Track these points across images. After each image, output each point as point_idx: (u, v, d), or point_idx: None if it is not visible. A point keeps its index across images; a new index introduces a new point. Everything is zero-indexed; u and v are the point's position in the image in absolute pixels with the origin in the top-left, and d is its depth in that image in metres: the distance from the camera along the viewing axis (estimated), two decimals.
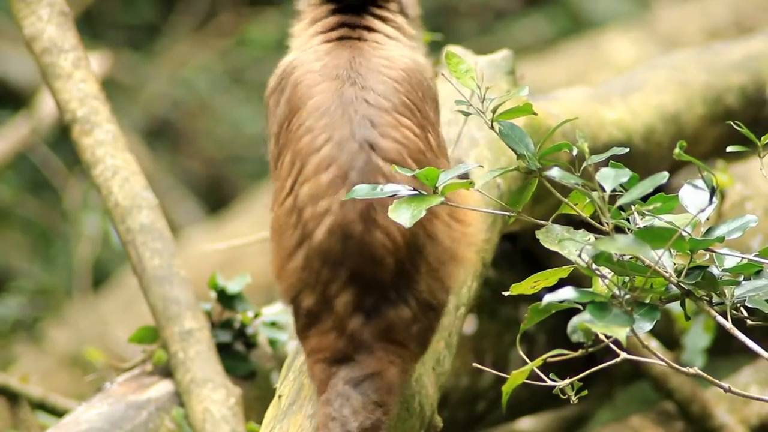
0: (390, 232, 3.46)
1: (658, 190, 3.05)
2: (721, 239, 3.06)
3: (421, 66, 3.64)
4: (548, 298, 2.94)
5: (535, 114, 3.23)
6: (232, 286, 4.48)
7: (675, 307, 3.42)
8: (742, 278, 3.09)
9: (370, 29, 3.71)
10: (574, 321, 2.92)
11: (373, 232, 3.46)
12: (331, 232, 3.49)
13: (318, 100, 3.55)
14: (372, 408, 3.45)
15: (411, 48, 3.73)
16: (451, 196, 3.32)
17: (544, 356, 3.12)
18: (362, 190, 3.19)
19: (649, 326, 2.98)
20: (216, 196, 10.55)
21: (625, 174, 3.03)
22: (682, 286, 3.05)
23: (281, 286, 3.61)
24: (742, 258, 3.10)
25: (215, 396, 4.19)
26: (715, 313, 3.07)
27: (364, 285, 3.49)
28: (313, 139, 3.52)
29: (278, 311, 4.54)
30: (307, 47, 3.72)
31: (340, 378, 3.48)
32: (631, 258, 2.98)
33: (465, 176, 3.52)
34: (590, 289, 2.97)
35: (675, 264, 3.05)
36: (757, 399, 3.23)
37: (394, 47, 3.67)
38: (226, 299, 4.46)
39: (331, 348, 3.52)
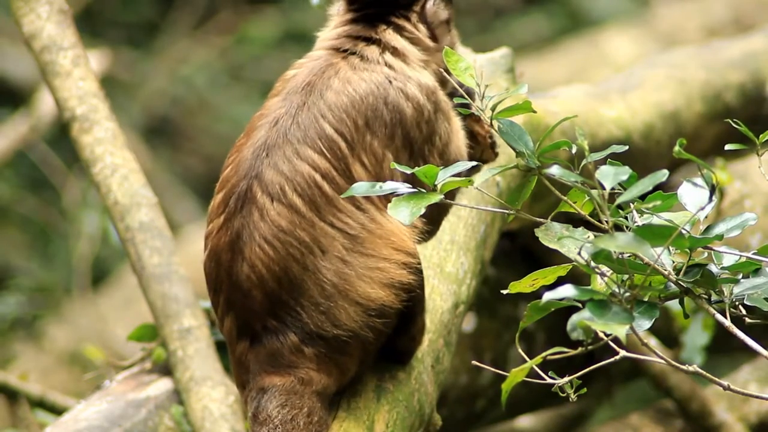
0: (254, 265, 3.45)
1: (658, 188, 3.05)
2: (720, 237, 3.06)
3: (385, 92, 3.55)
4: (547, 296, 2.93)
5: (535, 112, 3.22)
6: None
7: (674, 305, 3.42)
8: (741, 276, 3.09)
9: (370, 42, 3.66)
10: (574, 319, 2.91)
11: (239, 263, 3.47)
12: (209, 257, 3.54)
13: (258, 116, 3.57)
14: (277, 411, 3.48)
15: (412, 65, 3.66)
16: (371, 228, 3.40)
17: (544, 354, 3.11)
18: (360, 188, 3.19)
19: (648, 324, 2.98)
20: None
21: (624, 172, 3.03)
22: (681, 284, 3.05)
23: None
24: (741, 256, 3.09)
25: (214, 394, 4.19)
26: (714, 311, 3.06)
27: (240, 313, 3.50)
28: (231, 155, 3.57)
29: None
30: (311, 52, 3.72)
31: (248, 404, 3.52)
32: (630, 256, 2.98)
33: None
34: (589, 287, 2.97)
35: (674, 262, 3.05)
36: (756, 397, 3.23)
37: (377, 66, 3.60)
38: None
39: (234, 372, 3.57)
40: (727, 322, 3.04)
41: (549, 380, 3.12)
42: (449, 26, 3.77)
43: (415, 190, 3.14)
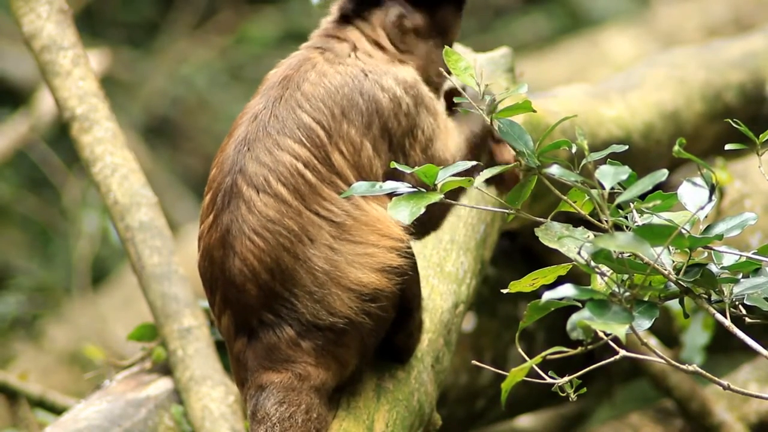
0: (246, 258, 3.47)
1: (657, 187, 3.05)
2: (720, 237, 3.06)
3: (360, 84, 3.58)
4: (547, 295, 2.93)
5: (535, 111, 3.22)
6: None
7: (674, 304, 3.42)
8: (740, 276, 3.09)
9: (342, 40, 3.71)
10: (574, 318, 2.91)
11: (231, 258, 3.49)
12: (203, 256, 3.56)
13: (240, 115, 3.61)
14: (275, 408, 3.49)
15: (380, 62, 3.68)
16: (356, 215, 3.41)
17: (544, 354, 3.11)
18: (360, 188, 3.19)
19: (648, 324, 2.98)
20: None
21: (624, 171, 3.03)
22: (681, 283, 3.04)
23: None
24: (741, 255, 3.09)
25: (214, 393, 4.19)
26: (714, 311, 3.06)
27: (236, 309, 3.52)
28: (216, 157, 3.60)
29: None
30: (294, 52, 3.76)
31: (247, 402, 3.53)
32: (630, 255, 2.98)
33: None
34: (589, 287, 2.97)
35: (674, 261, 3.05)
36: (756, 396, 3.22)
37: (353, 61, 3.64)
38: None
39: (233, 370, 3.58)
40: (727, 322, 3.04)
41: (549, 380, 3.12)
42: (421, 36, 3.77)
43: (415, 189, 3.14)
